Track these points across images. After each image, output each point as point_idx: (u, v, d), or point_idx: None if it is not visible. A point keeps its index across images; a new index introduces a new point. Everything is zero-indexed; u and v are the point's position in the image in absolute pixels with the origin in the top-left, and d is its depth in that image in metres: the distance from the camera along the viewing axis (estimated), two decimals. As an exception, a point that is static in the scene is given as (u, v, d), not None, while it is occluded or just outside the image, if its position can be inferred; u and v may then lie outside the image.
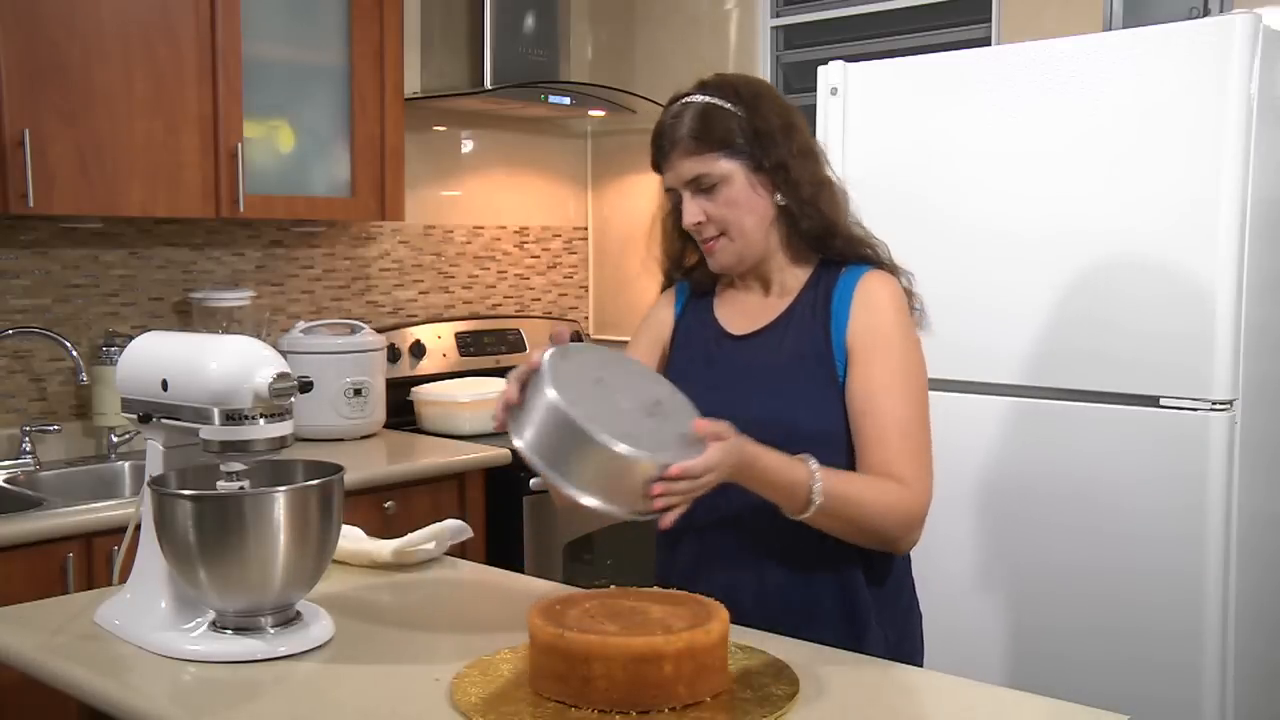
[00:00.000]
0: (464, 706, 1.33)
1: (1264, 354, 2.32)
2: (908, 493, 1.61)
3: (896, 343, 1.67)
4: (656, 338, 1.87)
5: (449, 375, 3.58)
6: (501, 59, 3.51)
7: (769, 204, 1.70)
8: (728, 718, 1.29)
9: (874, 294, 1.68)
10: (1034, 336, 2.45)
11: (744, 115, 1.68)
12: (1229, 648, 2.26)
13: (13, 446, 2.87)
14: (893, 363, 1.65)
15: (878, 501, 1.59)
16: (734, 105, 1.68)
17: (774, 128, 1.68)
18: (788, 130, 1.70)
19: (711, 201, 1.69)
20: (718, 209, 1.69)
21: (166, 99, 2.79)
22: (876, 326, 1.67)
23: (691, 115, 1.69)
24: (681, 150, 1.68)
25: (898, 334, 1.67)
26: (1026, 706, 1.40)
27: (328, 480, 1.57)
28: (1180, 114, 2.25)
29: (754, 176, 1.68)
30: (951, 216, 2.55)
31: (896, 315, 1.68)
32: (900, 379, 1.65)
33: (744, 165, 1.68)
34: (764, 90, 1.73)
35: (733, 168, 1.68)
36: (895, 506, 1.60)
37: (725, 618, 1.37)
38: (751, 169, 1.68)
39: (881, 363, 1.65)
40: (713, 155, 1.67)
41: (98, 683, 1.47)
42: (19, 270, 2.92)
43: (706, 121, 1.68)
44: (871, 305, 1.68)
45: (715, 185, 1.68)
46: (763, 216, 1.70)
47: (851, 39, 3.54)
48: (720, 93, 1.70)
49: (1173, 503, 2.28)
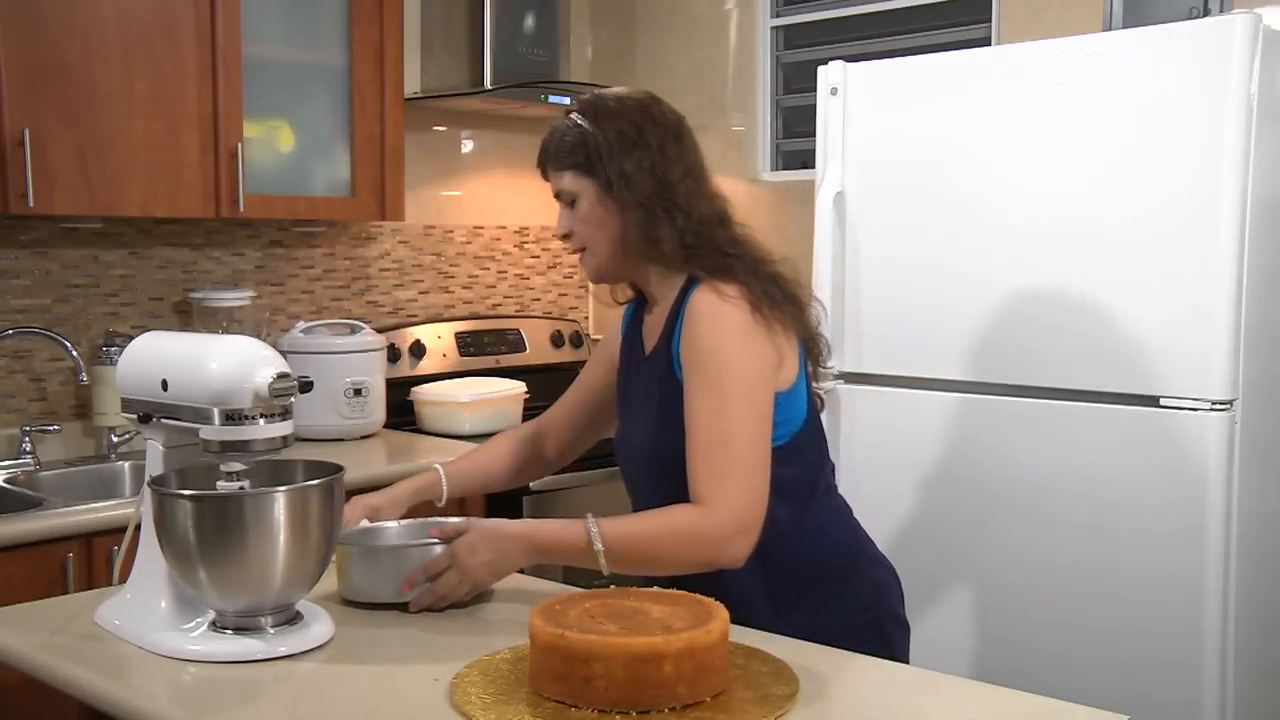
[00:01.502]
0: (464, 706, 1.33)
1: (1264, 354, 2.32)
2: (704, 514, 1.59)
3: (707, 358, 1.64)
4: (609, 357, 1.97)
5: (449, 375, 3.58)
6: (501, 59, 3.51)
7: (619, 221, 1.74)
8: (728, 718, 1.29)
9: (695, 308, 1.68)
10: (1034, 336, 2.45)
11: (594, 132, 1.74)
12: (1229, 647, 2.26)
13: (13, 446, 2.87)
14: (704, 380, 1.64)
15: (666, 532, 1.61)
16: (589, 123, 1.75)
17: (614, 145, 1.72)
18: (635, 146, 1.73)
19: (573, 215, 1.77)
20: (576, 223, 1.77)
21: (166, 99, 2.79)
22: (693, 342, 1.66)
23: (558, 132, 1.78)
24: (549, 165, 1.79)
25: (708, 348, 1.65)
26: (1026, 706, 1.40)
27: (328, 480, 1.57)
28: (1180, 114, 2.25)
29: (603, 194, 1.74)
30: (951, 216, 2.55)
31: (711, 327, 1.65)
32: (710, 397, 1.63)
33: (593, 183, 1.74)
34: (627, 107, 1.76)
35: (582, 185, 1.74)
36: (689, 532, 1.60)
37: (725, 618, 1.37)
38: (601, 186, 1.74)
39: (694, 380, 1.65)
40: (565, 172, 1.76)
41: (98, 683, 1.47)
42: (19, 270, 2.92)
43: (566, 139, 1.76)
44: (691, 321, 1.67)
45: (573, 200, 1.76)
46: (612, 233, 1.75)
47: (851, 39, 3.54)
48: (581, 111, 1.77)
49: (1172, 502, 2.28)
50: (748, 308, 1.66)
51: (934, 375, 2.61)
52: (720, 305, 1.66)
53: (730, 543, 1.59)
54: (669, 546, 1.62)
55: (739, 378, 1.64)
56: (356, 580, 1.73)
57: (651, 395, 1.76)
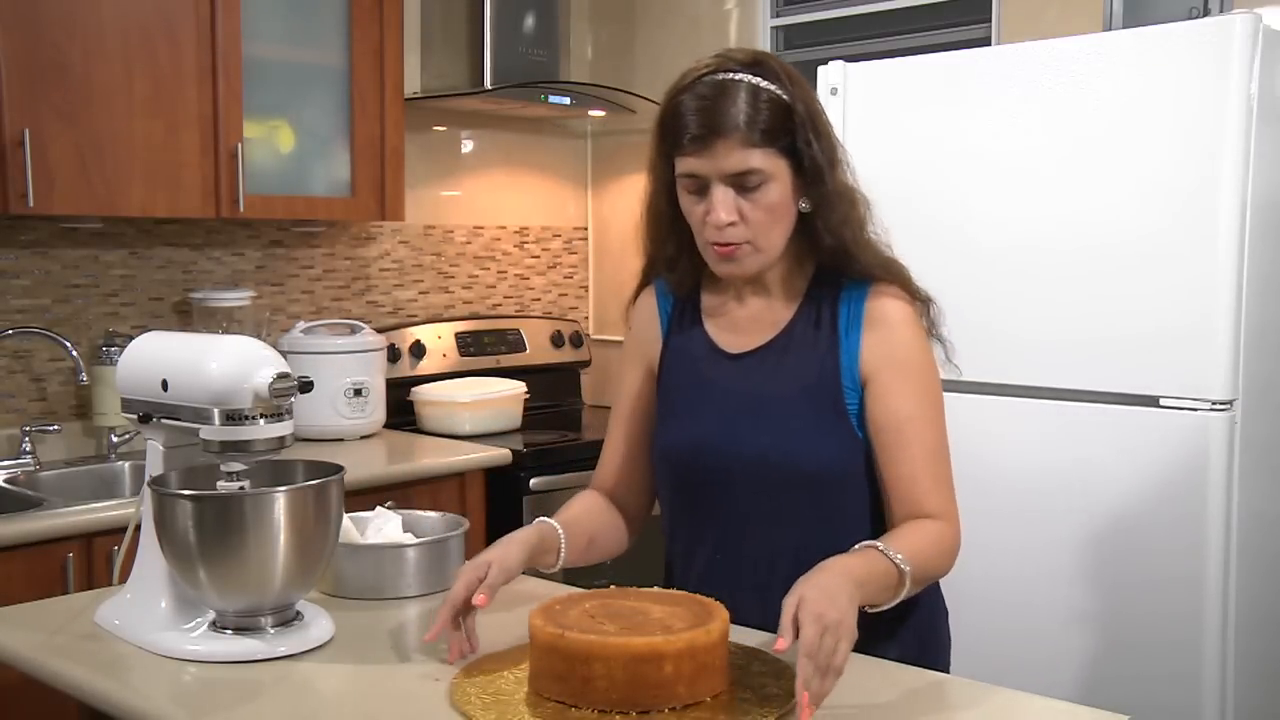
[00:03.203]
0: (464, 707, 1.33)
1: (1264, 354, 2.32)
2: (950, 529, 1.54)
3: (916, 365, 1.54)
4: (649, 369, 1.71)
5: (449, 375, 3.58)
6: (501, 59, 3.51)
7: (795, 211, 1.54)
8: (728, 718, 1.29)
9: (888, 313, 1.55)
10: (1034, 336, 2.45)
11: (796, 106, 1.48)
12: (1229, 648, 2.26)
13: (13, 446, 2.87)
14: (916, 387, 1.54)
15: (937, 549, 1.51)
16: (785, 92, 1.48)
17: (819, 124, 1.50)
18: (829, 128, 1.53)
19: (749, 202, 1.49)
20: (755, 211, 1.49)
21: (166, 99, 2.79)
22: (894, 347, 1.54)
23: (745, 98, 1.47)
24: (736, 138, 1.46)
25: (916, 355, 1.55)
26: (1026, 706, 1.40)
27: (328, 480, 1.56)
28: (1180, 114, 2.25)
29: (795, 179, 1.51)
30: (951, 216, 2.55)
31: (913, 334, 1.56)
32: (926, 405, 1.54)
33: (790, 165, 1.50)
34: (803, 78, 1.53)
35: (781, 166, 1.49)
36: (948, 549, 1.53)
37: (725, 618, 1.37)
38: (795, 170, 1.50)
39: (903, 389, 1.53)
40: (769, 150, 1.47)
41: (98, 683, 1.47)
42: (19, 270, 2.92)
43: (760, 108, 1.46)
44: (887, 325, 1.55)
45: (760, 184, 1.48)
46: (789, 225, 1.54)
47: (851, 39, 3.53)
48: (766, 74, 1.48)
49: (1173, 503, 2.28)
50: (918, 310, 1.59)
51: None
52: (911, 312, 1.56)
53: (957, 555, 1.54)
54: (937, 563, 1.51)
55: (938, 387, 1.58)
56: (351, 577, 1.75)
57: (773, 403, 1.56)
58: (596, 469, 1.78)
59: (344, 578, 1.76)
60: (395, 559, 1.77)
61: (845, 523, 1.58)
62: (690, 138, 1.48)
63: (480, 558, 1.51)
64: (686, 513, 1.67)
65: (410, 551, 1.78)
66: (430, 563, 1.79)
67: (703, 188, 1.51)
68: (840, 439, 1.55)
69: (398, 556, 1.77)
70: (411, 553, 1.78)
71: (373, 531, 1.87)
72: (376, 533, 1.87)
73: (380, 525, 1.88)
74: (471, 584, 1.46)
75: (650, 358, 1.71)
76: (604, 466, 1.77)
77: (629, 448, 1.74)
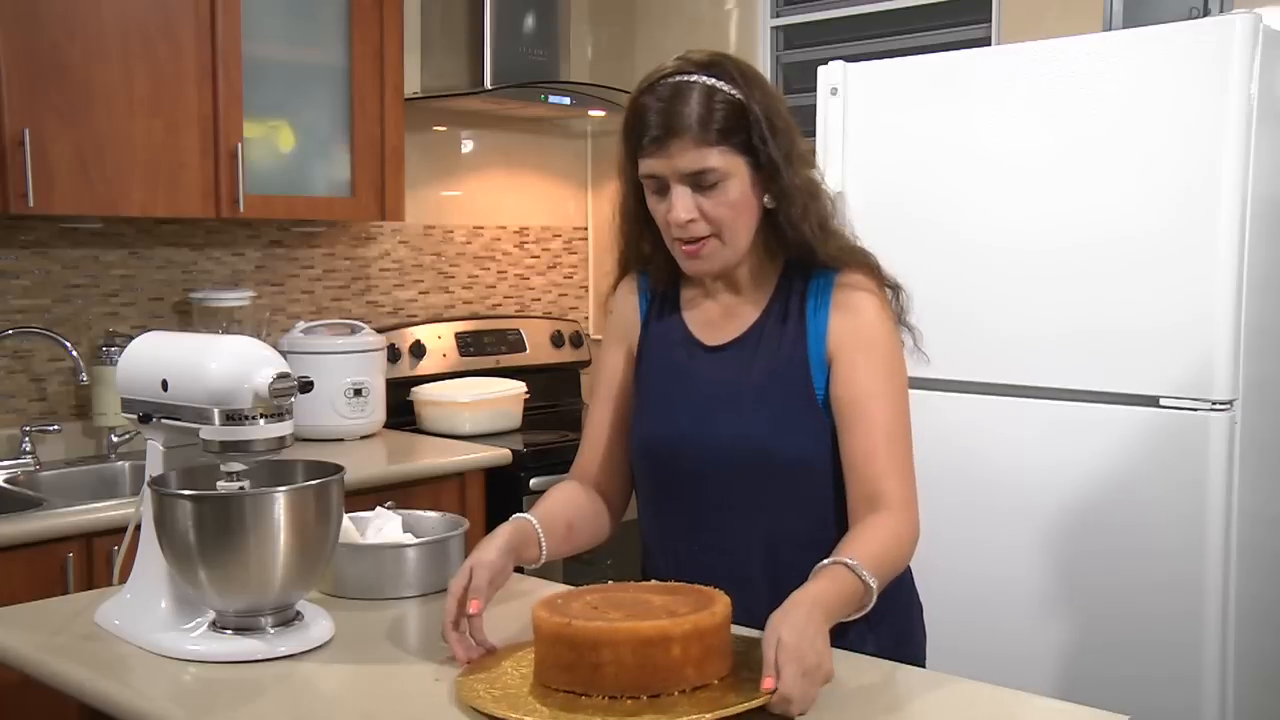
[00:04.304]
0: (473, 701, 1.32)
1: (1264, 354, 2.32)
2: (906, 522, 1.53)
3: (881, 346, 1.56)
4: (629, 349, 1.75)
5: (449, 375, 3.58)
6: (501, 59, 3.51)
7: (759, 207, 1.57)
8: (736, 697, 1.29)
9: (854, 297, 1.58)
10: (1034, 336, 2.45)
11: (751, 105, 1.52)
12: (1229, 648, 2.26)
13: (13, 446, 2.87)
14: (880, 367, 1.56)
15: (895, 545, 1.51)
16: (739, 92, 1.52)
17: (775, 122, 1.54)
18: (786, 125, 1.56)
19: (708, 199, 1.53)
20: (714, 208, 1.53)
21: (166, 99, 2.79)
22: (859, 328, 1.57)
23: (699, 99, 1.51)
24: (688, 139, 1.50)
25: (882, 337, 1.57)
26: (1026, 706, 1.40)
27: (328, 480, 1.56)
28: (1180, 114, 2.25)
29: (754, 175, 1.55)
30: (951, 216, 2.55)
31: (879, 317, 1.58)
32: (888, 386, 1.56)
33: (747, 162, 1.53)
34: (760, 76, 1.58)
35: (735, 164, 1.52)
36: (906, 544, 1.53)
37: (727, 601, 1.38)
38: (753, 167, 1.54)
39: (866, 365, 1.55)
40: (722, 148, 1.51)
41: (98, 683, 1.47)
42: (19, 270, 2.92)
43: (715, 108, 1.51)
44: (852, 306, 1.58)
45: (717, 182, 1.52)
46: (753, 220, 1.57)
47: (851, 39, 3.53)
48: (721, 74, 1.53)
49: (1173, 503, 2.28)
50: (885, 296, 1.60)
51: (934, 375, 2.60)
52: (877, 297, 1.58)
53: (915, 546, 1.54)
54: (898, 563, 1.52)
55: (903, 371, 1.59)
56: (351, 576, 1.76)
57: (747, 392, 1.59)
58: (577, 456, 1.79)
59: (344, 578, 1.77)
60: (395, 559, 1.77)
61: (817, 510, 1.60)
62: (649, 139, 1.53)
63: (461, 568, 1.52)
64: (663, 504, 1.70)
65: (410, 551, 1.78)
66: (430, 563, 1.79)
67: (663, 187, 1.56)
68: (810, 425, 1.57)
69: (398, 556, 1.77)
70: (411, 553, 1.78)
71: (373, 531, 1.87)
72: (376, 533, 1.87)
73: (380, 525, 1.88)
74: (459, 594, 1.48)
75: (631, 340, 1.75)
76: (585, 452, 1.78)
77: (611, 430, 1.76)
